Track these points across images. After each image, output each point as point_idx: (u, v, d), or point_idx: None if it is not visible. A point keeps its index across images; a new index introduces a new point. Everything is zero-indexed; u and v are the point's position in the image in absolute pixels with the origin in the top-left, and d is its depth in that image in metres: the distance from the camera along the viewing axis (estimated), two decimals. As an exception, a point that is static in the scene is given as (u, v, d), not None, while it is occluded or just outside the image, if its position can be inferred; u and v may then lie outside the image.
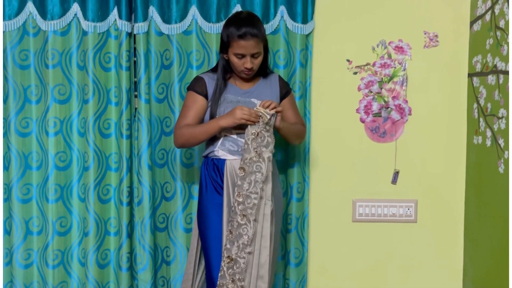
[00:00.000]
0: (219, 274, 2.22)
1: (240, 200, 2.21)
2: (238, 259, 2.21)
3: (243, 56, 2.26)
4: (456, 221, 2.80)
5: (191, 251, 2.44)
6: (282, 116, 2.31)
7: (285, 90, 2.45)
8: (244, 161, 2.22)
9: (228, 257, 2.21)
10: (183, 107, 2.37)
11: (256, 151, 2.22)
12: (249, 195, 2.21)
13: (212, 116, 2.32)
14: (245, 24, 2.24)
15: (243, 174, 2.22)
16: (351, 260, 2.81)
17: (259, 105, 2.23)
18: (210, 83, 2.35)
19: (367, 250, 2.81)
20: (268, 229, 2.24)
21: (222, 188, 2.30)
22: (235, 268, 2.21)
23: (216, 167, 2.33)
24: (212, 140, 2.35)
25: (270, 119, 2.21)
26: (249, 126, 2.22)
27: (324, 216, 2.79)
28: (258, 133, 2.22)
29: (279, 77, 2.47)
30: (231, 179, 2.29)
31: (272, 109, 2.22)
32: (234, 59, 2.28)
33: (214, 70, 2.40)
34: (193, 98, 2.35)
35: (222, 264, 2.22)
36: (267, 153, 2.23)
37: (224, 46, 2.30)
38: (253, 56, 2.27)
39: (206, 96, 2.34)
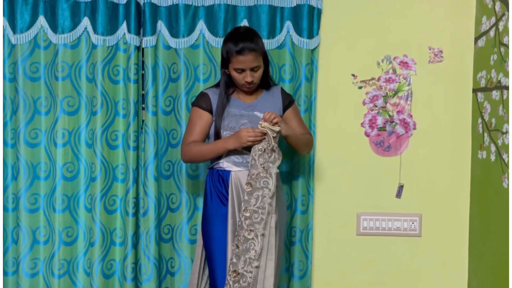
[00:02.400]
0: None
1: (247, 215, 2.22)
2: (245, 273, 2.21)
3: (243, 70, 2.30)
4: (460, 235, 2.78)
5: (195, 261, 2.45)
6: (291, 122, 2.36)
7: (288, 101, 2.47)
8: (251, 176, 2.24)
9: (235, 271, 2.22)
10: (189, 123, 2.40)
11: (263, 167, 2.24)
12: (257, 210, 2.23)
13: (217, 130, 2.35)
14: (242, 40, 2.28)
15: (250, 189, 2.23)
16: (355, 273, 2.80)
17: (262, 120, 2.25)
18: (214, 98, 2.38)
19: (371, 263, 2.80)
20: (274, 241, 2.25)
21: (226, 199, 2.31)
22: (241, 282, 2.21)
23: (221, 178, 2.34)
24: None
25: (276, 135, 2.23)
26: None
27: (329, 229, 2.79)
28: (265, 149, 2.24)
29: (281, 89, 2.49)
30: (235, 190, 2.30)
31: (275, 123, 2.24)
32: (235, 74, 2.32)
33: (218, 85, 2.43)
34: (198, 114, 2.38)
35: (228, 278, 2.22)
36: (274, 169, 2.25)
37: (224, 62, 2.33)
38: (252, 69, 2.30)
39: (211, 111, 2.37)
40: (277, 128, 2.23)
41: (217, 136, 2.36)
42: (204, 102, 2.38)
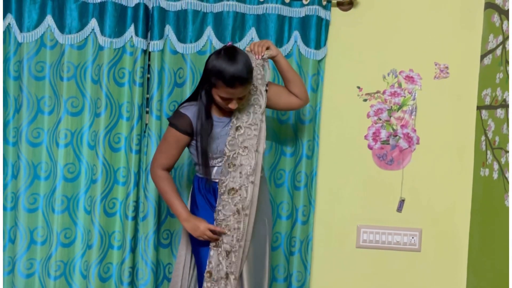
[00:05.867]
0: None
1: (240, 132, 2.13)
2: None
3: (229, 98, 2.07)
4: (459, 252, 2.68)
5: (179, 264, 2.27)
6: (279, 96, 2.23)
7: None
8: None
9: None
10: (165, 142, 2.15)
11: (254, 84, 2.14)
12: (249, 126, 2.13)
13: (203, 151, 2.12)
14: (235, 71, 1.99)
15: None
16: (354, 285, 2.69)
17: (253, 53, 2.15)
18: (195, 121, 2.13)
19: (370, 276, 2.69)
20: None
21: (214, 206, 2.17)
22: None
23: (212, 188, 2.19)
24: (205, 168, 2.17)
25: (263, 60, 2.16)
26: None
27: (328, 240, 2.68)
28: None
29: None
30: None
31: (266, 49, 2.15)
32: (218, 99, 2.08)
33: (192, 98, 2.16)
34: (176, 137, 2.12)
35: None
36: (263, 87, 2.17)
37: (208, 82, 2.06)
38: (239, 98, 2.09)
39: (190, 134, 2.13)
40: (270, 52, 2.15)
41: (205, 156, 2.13)
42: (183, 125, 2.10)
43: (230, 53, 2.04)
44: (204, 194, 2.20)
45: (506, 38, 2.40)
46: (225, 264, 2.12)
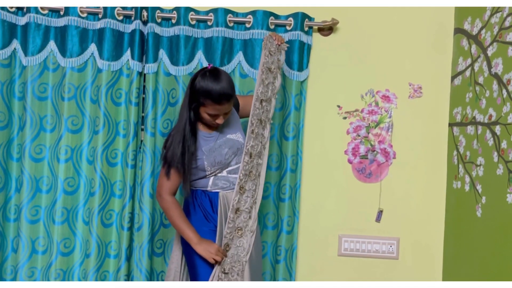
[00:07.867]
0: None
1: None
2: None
3: (216, 114, 2.18)
4: (435, 259, 2.74)
5: (175, 265, 2.33)
6: (247, 105, 2.35)
7: (236, 101, 2.37)
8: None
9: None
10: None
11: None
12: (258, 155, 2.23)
13: (202, 169, 2.23)
14: (221, 89, 2.11)
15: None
16: (335, 292, 2.74)
17: (278, 42, 2.35)
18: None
19: (351, 283, 2.73)
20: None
21: (211, 216, 2.24)
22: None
23: (208, 198, 2.26)
24: (201, 179, 2.26)
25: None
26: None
27: (312, 249, 2.74)
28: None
29: None
30: (224, 210, 2.24)
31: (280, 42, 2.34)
32: (206, 116, 2.19)
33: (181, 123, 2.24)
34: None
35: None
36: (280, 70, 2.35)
37: (196, 102, 2.16)
38: (225, 113, 2.20)
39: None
40: (286, 45, 2.40)
41: (203, 170, 2.24)
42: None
43: (214, 73, 2.16)
44: (200, 204, 2.25)
45: (474, 61, 2.50)
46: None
